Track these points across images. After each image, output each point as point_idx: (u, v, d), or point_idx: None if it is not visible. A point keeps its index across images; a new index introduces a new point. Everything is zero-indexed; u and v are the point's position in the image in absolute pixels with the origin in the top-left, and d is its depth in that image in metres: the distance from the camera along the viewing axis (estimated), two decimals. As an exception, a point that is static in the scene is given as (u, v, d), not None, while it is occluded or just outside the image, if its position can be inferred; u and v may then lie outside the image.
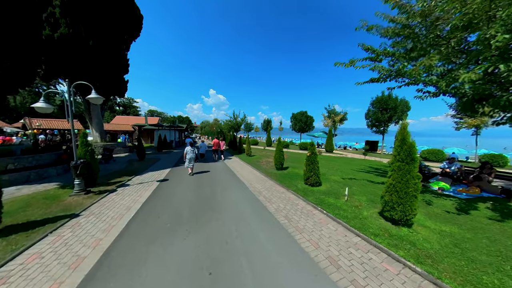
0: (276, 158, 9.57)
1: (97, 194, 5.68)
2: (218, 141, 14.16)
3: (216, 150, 13.99)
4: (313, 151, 6.86)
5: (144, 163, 11.58)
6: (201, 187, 6.74)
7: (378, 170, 10.52)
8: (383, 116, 19.91)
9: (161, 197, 5.61)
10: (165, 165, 11.20)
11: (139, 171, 9.15)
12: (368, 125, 22.26)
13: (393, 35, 5.57)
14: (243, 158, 14.41)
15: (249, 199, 5.69)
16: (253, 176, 8.77)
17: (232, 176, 8.72)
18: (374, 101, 21.29)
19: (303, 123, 32.55)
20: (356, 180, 8.00)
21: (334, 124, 27.32)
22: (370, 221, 4.22)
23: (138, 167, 10.30)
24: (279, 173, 9.05)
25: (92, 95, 5.54)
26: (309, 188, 6.71)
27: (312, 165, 6.75)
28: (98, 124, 16.67)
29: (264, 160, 13.69)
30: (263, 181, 7.80)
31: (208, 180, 7.85)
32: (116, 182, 7.13)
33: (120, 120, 41.28)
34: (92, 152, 6.32)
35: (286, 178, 8.08)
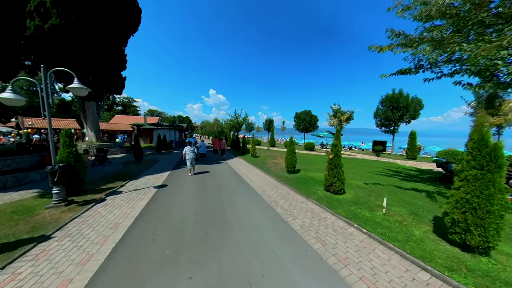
0: (287, 160, 8.57)
1: (81, 205, 4.68)
2: (217, 140, 13.97)
3: (216, 150, 13.72)
4: (337, 153, 5.87)
5: (141, 165, 10.58)
6: (206, 195, 5.74)
7: (400, 174, 9.52)
8: (393, 115, 18.92)
9: (158, 210, 4.60)
10: (164, 167, 10.20)
11: (135, 175, 8.15)
12: (377, 124, 21.29)
13: (438, 15, 4.58)
14: (248, 159, 13.42)
15: (265, 211, 4.69)
16: (263, 180, 7.77)
17: (240, 180, 7.72)
18: (383, 99, 20.32)
19: (307, 123, 31.57)
20: (382, 186, 7.00)
21: (340, 124, 26.32)
22: (431, 246, 3.23)
23: (134, 169, 9.30)
24: (291, 177, 8.06)
25: (74, 85, 4.54)
26: (332, 196, 5.71)
27: (336, 169, 5.75)
28: (93, 123, 15.68)
29: (271, 161, 12.69)
30: (276, 187, 6.80)
31: (213, 185, 6.86)
32: (107, 188, 6.13)
33: (119, 119, 40.37)
34: (77, 155, 5.33)
35: (301, 183, 7.08)
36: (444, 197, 5.83)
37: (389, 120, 19.70)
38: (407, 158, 15.86)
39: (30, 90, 43.48)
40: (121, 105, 70.07)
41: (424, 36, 5.02)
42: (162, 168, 9.84)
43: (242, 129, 37.77)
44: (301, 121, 32.01)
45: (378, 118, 21.04)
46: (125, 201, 5.09)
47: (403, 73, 6.20)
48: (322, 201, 5.28)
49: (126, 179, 7.31)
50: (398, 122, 19.63)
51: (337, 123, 27.20)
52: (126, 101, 70.80)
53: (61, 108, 47.53)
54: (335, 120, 27.25)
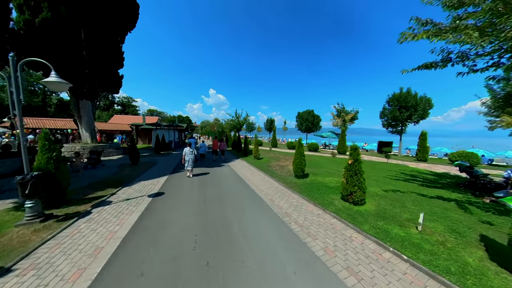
0: (296, 164, 7.84)
1: (60, 221, 3.96)
2: (217, 141, 13.87)
3: (215, 151, 13.56)
4: (357, 158, 5.15)
5: (137, 168, 9.85)
6: (207, 206, 5.01)
7: (417, 178, 8.79)
8: (401, 114, 18.19)
9: (151, 227, 3.88)
10: (162, 171, 9.48)
11: (129, 180, 7.42)
12: (384, 124, 20.56)
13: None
14: (251, 162, 12.70)
15: (278, 228, 3.96)
16: (269, 186, 7.04)
17: (244, 186, 7.00)
18: (390, 98, 19.59)
19: (309, 123, 30.84)
20: (403, 194, 6.27)
21: (345, 124, 25.60)
22: (498, 283, 2.51)
23: (129, 173, 8.58)
24: (300, 183, 7.34)
25: (51, 78, 3.82)
26: (352, 207, 4.99)
27: (356, 176, 5.03)
28: (88, 123, 14.96)
29: (275, 164, 11.97)
30: (285, 195, 6.07)
31: (215, 192, 6.13)
32: (95, 198, 5.41)
33: (118, 119, 39.75)
34: (59, 160, 4.60)
35: (313, 191, 6.36)
36: (479, 208, 5.12)
37: (397, 120, 18.97)
38: (417, 160, 15.14)
39: (28, 89, 42.80)
40: (120, 104, 69.46)
41: (458, 24, 4.31)
42: (160, 172, 9.11)
43: (242, 129, 37.09)
44: (304, 121, 31.28)
45: (385, 118, 20.30)
46: (113, 215, 4.36)
47: (428, 67, 5.51)
48: (342, 214, 4.56)
49: (119, 186, 6.58)
50: (405, 122, 18.92)
51: (341, 123, 26.51)
52: (126, 101, 70.21)
53: (60, 108, 46.83)
54: (339, 120, 26.58)
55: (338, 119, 26.18)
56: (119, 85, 18.16)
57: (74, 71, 10.96)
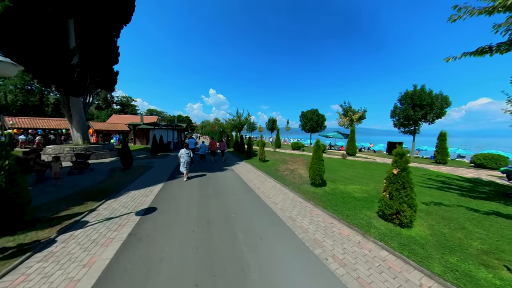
0: (314, 170, 6.66)
1: (4, 259, 2.80)
2: (215, 142, 13.41)
3: (213, 152, 13.09)
4: (405, 167, 3.99)
5: (129, 173, 8.70)
6: (211, 233, 3.83)
7: (450, 185, 7.62)
8: (416, 114, 17.03)
9: (131, 273, 2.71)
10: (157, 176, 8.32)
11: (117, 189, 6.26)
12: (395, 124, 19.40)
13: None
14: (256, 165, 11.54)
15: (313, 272, 2.79)
16: (284, 197, 5.88)
17: (254, 198, 5.83)
18: (403, 96, 18.44)
19: (314, 122, 29.67)
20: (450, 208, 5.11)
21: (352, 123, 24.43)
22: None
23: (119, 180, 7.42)
24: (320, 193, 6.18)
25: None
26: (400, 231, 3.83)
27: (405, 191, 3.88)
28: (79, 123, 13.79)
29: (283, 167, 10.82)
30: (306, 211, 4.91)
31: (220, 208, 4.97)
32: (68, 216, 4.25)
33: (116, 119, 38.68)
34: (13, 171, 3.45)
35: (339, 204, 5.20)
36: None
37: (410, 120, 17.81)
38: (436, 163, 13.98)
39: (25, 88, 41.69)
40: (119, 104, 68.40)
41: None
42: (155, 178, 7.94)
43: (243, 129, 35.96)
44: (308, 120, 30.10)
45: (396, 118, 19.15)
46: (84, 247, 3.19)
47: (483, 52, 4.38)
48: (392, 243, 3.40)
49: (103, 198, 5.42)
50: (419, 122, 17.75)
51: (348, 122, 25.33)
52: (125, 100, 69.16)
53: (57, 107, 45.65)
54: (345, 120, 25.39)
55: (344, 118, 25.01)
56: (113, 82, 16.99)
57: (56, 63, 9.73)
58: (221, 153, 14.81)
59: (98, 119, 54.03)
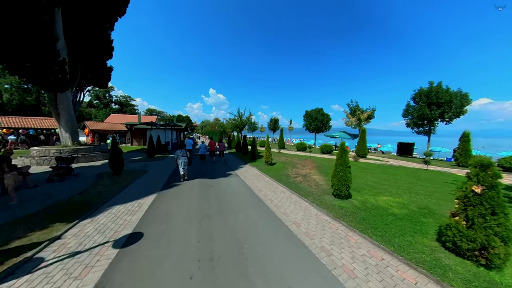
0: (339, 179, 5.47)
1: None
2: (214, 142, 12.99)
3: (212, 152, 12.82)
4: (493, 183, 2.80)
5: (118, 180, 7.52)
6: (218, 279, 2.66)
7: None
8: (432, 112, 15.84)
9: None
10: (151, 184, 7.14)
11: (99, 203, 5.08)
12: (409, 124, 18.22)
13: None
14: (263, 168, 10.36)
15: None
16: (307, 216, 4.69)
17: (269, 216, 4.64)
18: (416, 94, 17.26)
19: (319, 122, 28.48)
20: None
21: (360, 123, 23.25)
22: None
23: (104, 190, 6.24)
24: (349, 208, 5.00)
25: None
26: (491, 277, 2.65)
27: (496, 218, 2.69)
28: (68, 122, 12.61)
29: (294, 172, 9.64)
30: (342, 238, 3.71)
31: (226, 235, 3.78)
32: (19, 249, 3.08)
33: (114, 119, 37.61)
34: None
35: (380, 226, 4.03)
36: None
37: (425, 119, 16.63)
38: (458, 166, 12.79)
39: (21, 87, 40.53)
40: (118, 103, 67.26)
41: None
42: (147, 187, 6.77)
43: (244, 129, 34.79)
44: (312, 120, 28.91)
45: (409, 117, 17.97)
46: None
47: None
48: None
49: (77, 217, 4.25)
50: (435, 121, 16.58)
51: (355, 122, 24.15)
52: (124, 100, 68.06)
53: None
54: (353, 119, 24.20)
55: (352, 118, 23.82)
56: (107, 78, 15.80)
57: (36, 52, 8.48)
58: (220, 153, 14.10)
59: (97, 119, 52.91)
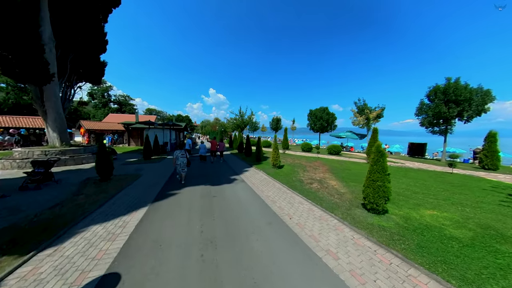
0: (376, 190, 4.37)
1: None
2: (215, 142, 12.49)
3: (213, 152, 12.39)
4: None
5: (105, 187, 6.41)
6: None
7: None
8: (450, 110, 14.71)
9: None
10: (142, 193, 6.03)
11: (72, 222, 3.98)
12: (422, 123, 17.08)
13: None
14: (271, 172, 9.25)
15: None
16: (341, 241, 3.57)
17: (293, 243, 3.52)
18: (431, 91, 16.12)
19: (324, 121, 27.35)
20: None
21: (368, 123, 22.11)
22: None
23: (85, 201, 5.12)
24: (393, 228, 3.90)
25: None
26: None
27: None
28: (56, 121, 11.50)
29: (306, 176, 8.55)
30: (405, 280, 2.62)
31: (240, 276, 2.68)
32: None
33: (112, 118, 36.65)
34: None
35: (450, 259, 2.93)
36: None
37: (441, 118, 15.50)
38: (483, 169, 11.68)
39: (17, 86, 39.46)
40: (117, 103, 66.17)
41: None
42: (138, 196, 5.66)
43: (245, 128, 33.72)
44: (317, 119, 27.78)
45: (424, 115, 16.84)
46: None
47: None
48: None
49: (36, 245, 3.15)
50: (452, 120, 15.45)
51: (363, 122, 23.02)
52: (122, 99, 66.98)
53: None
54: (361, 119, 23.05)
55: (360, 117, 22.66)
56: (100, 73, 14.67)
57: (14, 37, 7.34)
58: (220, 154, 13.39)
59: (95, 118, 51.82)
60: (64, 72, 12.35)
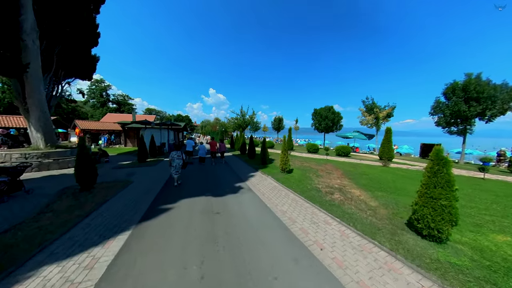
0: (435, 209, 3.23)
1: None
2: (215, 142, 12.09)
3: (214, 153, 11.89)
4: None
5: (85, 200, 5.26)
6: None
7: None
8: (472, 109, 13.57)
9: None
10: (128, 207, 4.89)
11: (22, 256, 2.85)
12: (439, 123, 15.95)
13: None
14: (280, 178, 8.10)
15: None
16: None
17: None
18: (449, 88, 14.98)
19: (329, 121, 26.20)
20: None
21: (377, 122, 21.00)
22: None
23: (51, 222, 3.98)
24: (474, 269, 2.76)
25: None
26: None
27: None
28: (41, 120, 10.34)
29: (322, 182, 7.41)
30: None
31: None
32: None
33: (110, 118, 35.57)
34: None
35: None
36: None
37: (460, 117, 14.37)
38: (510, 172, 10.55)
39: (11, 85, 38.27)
40: (115, 102, 64.97)
41: None
42: (120, 214, 4.51)
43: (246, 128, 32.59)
44: (322, 119, 26.63)
45: (440, 114, 15.71)
46: None
47: None
48: None
49: None
50: (472, 120, 14.32)
51: (372, 121, 21.90)
52: (121, 99, 65.81)
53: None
54: (369, 118, 21.94)
55: (368, 116, 21.54)
56: (91, 69, 13.49)
57: None
58: (221, 154, 12.74)
59: (93, 118, 50.67)
60: (50, 66, 11.21)
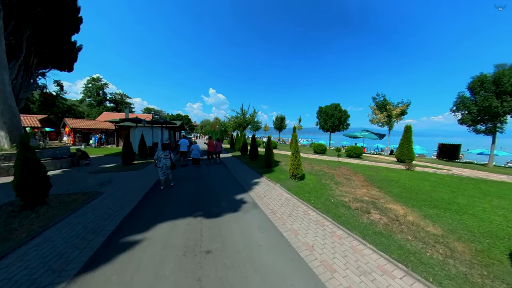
0: None
1: None
2: (213, 142, 11.37)
3: (210, 153, 11.25)
4: None
5: (19, 225, 3.65)
6: None
7: None
8: (505, 104, 11.91)
9: None
10: (76, 240, 3.27)
11: None
12: (464, 120, 14.27)
13: None
14: (292, 188, 6.47)
15: None
16: None
17: None
18: (475, 81, 13.32)
19: (336, 119, 24.52)
20: None
21: (390, 121, 19.34)
22: None
23: None
24: None
25: None
26: None
27: None
28: (4, 115, 8.73)
29: (345, 193, 5.77)
30: None
31: None
32: None
33: (106, 117, 34.07)
34: None
35: None
36: None
37: (490, 114, 12.71)
38: None
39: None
40: (112, 101, 63.41)
41: None
42: (60, 253, 2.89)
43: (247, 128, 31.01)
44: (328, 117, 24.95)
45: (464, 110, 14.05)
46: None
47: None
48: None
49: None
50: (503, 117, 12.65)
51: (384, 119, 20.25)
52: (119, 98, 64.28)
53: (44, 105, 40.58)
54: (381, 116, 20.28)
55: (380, 114, 19.87)
56: (71, 58, 11.82)
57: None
58: (216, 154, 11.77)
59: (89, 117, 49.15)
60: (19, 52, 9.59)
